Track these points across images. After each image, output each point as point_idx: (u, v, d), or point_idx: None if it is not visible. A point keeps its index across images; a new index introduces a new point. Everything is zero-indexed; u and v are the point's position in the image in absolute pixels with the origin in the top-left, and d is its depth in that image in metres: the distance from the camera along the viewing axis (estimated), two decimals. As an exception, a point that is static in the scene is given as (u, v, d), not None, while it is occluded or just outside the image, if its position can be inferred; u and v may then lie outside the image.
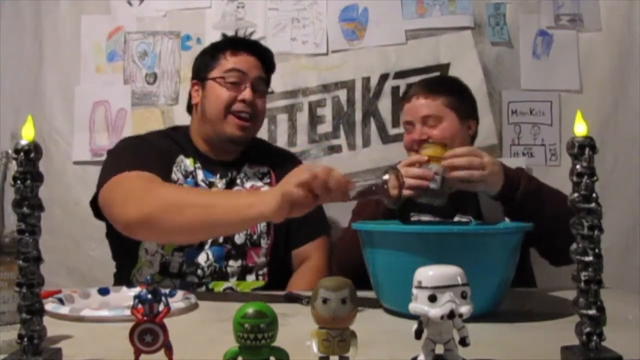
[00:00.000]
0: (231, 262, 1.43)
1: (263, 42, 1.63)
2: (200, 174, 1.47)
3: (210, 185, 1.47)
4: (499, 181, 1.25)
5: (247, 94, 1.45)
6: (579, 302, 0.65)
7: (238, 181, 1.50)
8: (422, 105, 1.52)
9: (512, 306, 1.06)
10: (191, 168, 1.47)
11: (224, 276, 1.42)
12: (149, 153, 1.41)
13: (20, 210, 0.63)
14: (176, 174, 1.45)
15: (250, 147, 1.54)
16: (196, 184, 1.45)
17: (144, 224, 1.19)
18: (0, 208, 0.77)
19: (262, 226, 1.46)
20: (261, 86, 1.51)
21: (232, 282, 1.42)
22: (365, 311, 1.01)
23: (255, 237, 1.46)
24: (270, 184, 1.52)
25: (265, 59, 1.54)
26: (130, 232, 1.26)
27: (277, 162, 1.56)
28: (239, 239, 1.44)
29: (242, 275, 1.44)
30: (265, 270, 1.47)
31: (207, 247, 1.41)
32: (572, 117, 0.69)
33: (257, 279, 1.45)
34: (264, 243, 1.47)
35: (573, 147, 0.66)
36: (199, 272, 1.40)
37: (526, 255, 1.51)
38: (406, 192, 1.19)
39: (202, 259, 1.41)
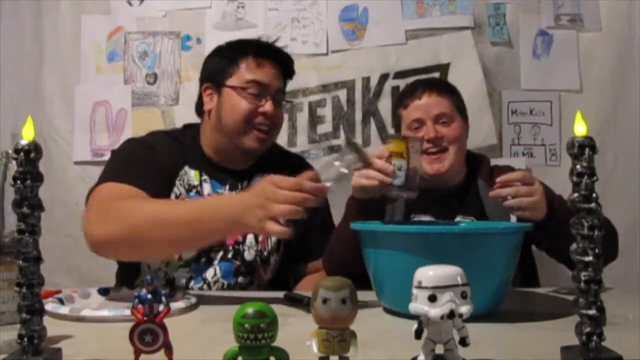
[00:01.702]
0: (240, 279, 1.39)
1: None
2: (206, 187, 1.40)
3: None
4: (544, 207, 1.20)
5: (268, 107, 1.36)
6: (579, 302, 0.65)
7: None
8: (434, 102, 1.47)
9: (512, 306, 1.05)
10: (195, 182, 1.39)
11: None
12: (148, 165, 1.34)
13: (20, 210, 0.63)
14: (179, 188, 1.38)
15: (264, 154, 1.45)
16: None
17: (115, 244, 1.15)
18: (0, 208, 0.77)
19: (272, 243, 1.43)
20: (280, 96, 1.43)
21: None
22: (365, 311, 1.01)
23: (265, 253, 1.41)
24: None
25: (286, 68, 1.45)
26: (99, 251, 1.21)
27: (293, 175, 1.50)
28: (249, 255, 1.39)
29: (244, 290, 1.40)
30: (266, 285, 1.44)
31: (216, 262, 1.38)
32: (572, 117, 0.68)
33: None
34: (273, 260, 1.43)
35: (573, 147, 0.66)
36: (205, 287, 1.36)
37: (528, 253, 1.51)
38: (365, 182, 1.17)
39: (209, 274, 1.37)
